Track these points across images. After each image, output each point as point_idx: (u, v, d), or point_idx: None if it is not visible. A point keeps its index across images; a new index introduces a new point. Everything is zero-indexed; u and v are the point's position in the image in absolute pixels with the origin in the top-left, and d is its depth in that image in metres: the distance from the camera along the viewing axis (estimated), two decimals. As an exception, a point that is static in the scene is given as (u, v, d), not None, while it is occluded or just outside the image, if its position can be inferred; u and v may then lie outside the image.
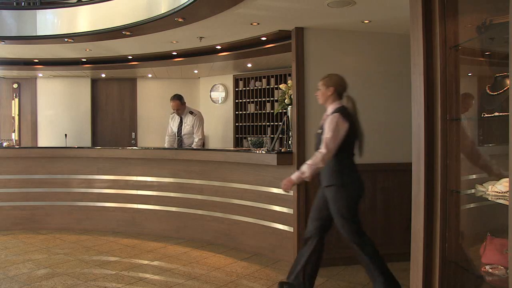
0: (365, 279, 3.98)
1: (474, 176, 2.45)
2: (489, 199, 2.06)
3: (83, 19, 5.38)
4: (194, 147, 6.08)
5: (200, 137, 6.14)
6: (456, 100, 2.27)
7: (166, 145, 6.38)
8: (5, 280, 3.86)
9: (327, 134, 3.22)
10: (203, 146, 6.31)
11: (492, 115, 2.13)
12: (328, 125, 3.26)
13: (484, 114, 2.19)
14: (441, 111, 2.24)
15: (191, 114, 6.22)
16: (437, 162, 2.26)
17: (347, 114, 3.30)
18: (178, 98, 6.19)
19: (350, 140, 3.31)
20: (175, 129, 6.30)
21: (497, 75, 2.22)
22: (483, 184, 2.19)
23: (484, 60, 2.51)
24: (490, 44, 2.34)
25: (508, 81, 2.10)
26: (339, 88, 3.40)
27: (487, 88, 2.24)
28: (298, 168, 4.25)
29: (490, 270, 2.07)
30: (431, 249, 2.29)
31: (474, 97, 2.48)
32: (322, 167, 3.26)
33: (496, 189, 2.05)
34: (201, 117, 6.28)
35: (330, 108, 3.40)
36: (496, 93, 2.18)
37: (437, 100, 2.26)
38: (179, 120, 6.26)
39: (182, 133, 6.22)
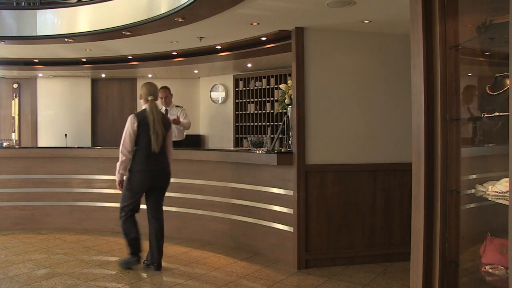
0: (365, 279, 3.99)
1: (474, 176, 2.45)
2: (489, 199, 2.06)
3: (83, 19, 5.38)
4: (184, 122, 6.04)
5: (187, 120, 6.10)
6: (456, 100, 2.27)
7: None
8: (5, 280, 3.86)
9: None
10: (188, 129, 6.24)
11: (492, 115, 2.13)
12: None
13: (484, 114, 2.19)
14: (441, 111, 2.24)
15: (177, 107, 6.22)
16: (437, 162, 2.26)
17: (139, 115, 4.10)
18: (166, 87, 6.23)
19: (141, 137, 4.06)
20: None
21: (497, 75, 2.22)
22: (483, 184, 2.18)
23: (484, 60, 2.51)
24: (490, 44, 2.34)
25: (508, 81, 2.10)
26: (143, 94, 4.19)
27: (487, 88, 2.24)
28: (298, 168, 4.27)
29: (490, 270, 2.07)
30: (431, 249, 2.29)
31: (476, 88, 2.48)
32: (125, 160, 4.09)
33: (496, 189, 2.05)
34: (186, 111, 6.28)
35: None
36: (496, 93, 2.18)
37: (437, 100, 2.26)
38: (164, 112, 6.24)
39: None
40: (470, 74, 2.57)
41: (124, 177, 4.14)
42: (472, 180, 2.37)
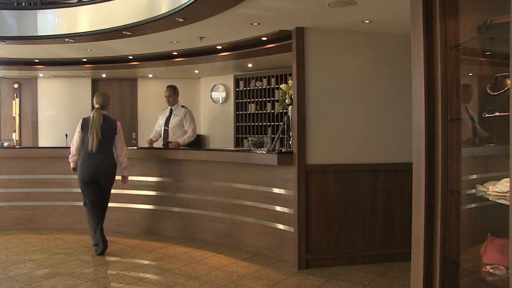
0: (366, 279, 3.99)
1: (474, 176, 2.45)
2: (490, 199, 2.06)
3: (84, 19, 5.38)
4: (186, 140, 6.03)
5: (193, 127, 6.08)
6: (457, 100, 2.27)
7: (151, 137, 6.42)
8: (6, 280, 3.86)
9: None
10: (192, 138, 6.22)
11: (493, 115, 2.12)
12: None
13: (485, 114, 2.18)
14: (441, 111, 2.23)
15: (183, 107, 6.22)
16: (437, 162, 2.26)
17: (85, 119, 4.91)
18: (172, 86, 6.26)
19: (85, 138, 4.86)
20: (162, 122, 6.27)
21: (497, 75, 2.21)
22: (484, 184, 2.18)
23: (484, 60, 2.50)
24: (491, 44, 2.34)
25: (508, 81, 2.10)
26: (94, 103, 4.99)
27: (487, 88, 2.24)
28: (299, 168, 4.27)
29: (491, 270, 2.06)
30: (432, 249, 2.28)
31: (472, 88, 2.48)
32: (72, 155, 4.92)
33: (496, 189, 2.04)
34: (192, 112, 6.26)
35: None
36: (496, 93, 2.17)
37: (437, 100, 2.26)
38: (168, 113, 6.25)
39: (170, 126, 6.16)
40: (470, 74, 2.56)
41: (72, 166, 4.96)
42: (472, 180, 2.37)
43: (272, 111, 8.18)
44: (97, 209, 4.86)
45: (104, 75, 8.65)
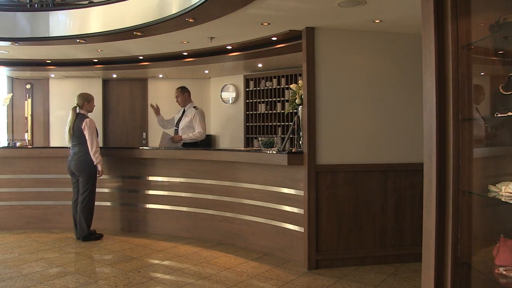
0: (376, 279, 3.97)
1: (487, 177, 2.42)
2: (503, 200, 2.04)
3: (95, 20, 5.42)
4: (191, 136, 6.02)
5: (200, 130, 6.07)
6: (469, 100, 2.24)
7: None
8: (19, 278, 3.91)
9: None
10: (202, 140, 6.21)
11: (506, 114, 2.10)
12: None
13: (497, 114, 2.16)
14: (453, 111, 2.22)
15: (194, 108, 6.23)
16: (449, 162, 2.24)
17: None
18: (181, 87, 6.32)
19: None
20: (175, 121, 6.33)
21: (510, 74, 2.19)
22: (496, 185, 2.16)
23: (497, 59, 2.48)
24: (504, 43, 2.31)
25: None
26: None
27: (500, 88, 2.21)
28: (309, 168, 4.26)
29: (504, 272, 2.04)
30: (443, 250, 2.27)
31: (485, 88, 2.46)
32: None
33: (509, 189, 2.02)
34: (203, 113, 6.25)
35: None
36: (509, 93, 2.15)
37: (449, 100, 2.24)
38: (181, 114, 6.28)
39: (180, 127, 6.19)
40: (482, 74, 2.54)
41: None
42: (485, 181, 2.34)
43: (282, 111, 8.17)
44: (75, 198, 5.37)
45: (114, 76, 8.71)
